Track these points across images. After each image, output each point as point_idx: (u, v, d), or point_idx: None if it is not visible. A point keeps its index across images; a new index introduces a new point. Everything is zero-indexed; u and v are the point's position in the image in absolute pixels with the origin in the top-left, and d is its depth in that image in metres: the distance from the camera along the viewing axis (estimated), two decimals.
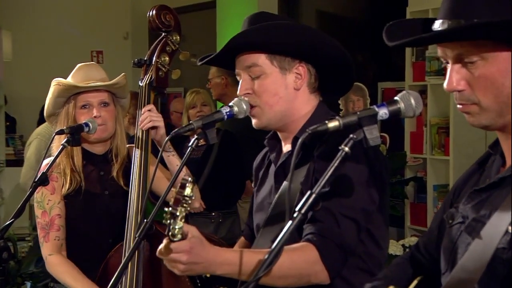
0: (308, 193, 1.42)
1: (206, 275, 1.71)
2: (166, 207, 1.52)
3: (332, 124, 1.49)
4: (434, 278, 1.52)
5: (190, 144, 1.82)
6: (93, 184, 2.63)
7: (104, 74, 2.69)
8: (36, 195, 2.57)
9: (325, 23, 7.10)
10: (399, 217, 5.07)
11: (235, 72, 1.99)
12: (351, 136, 1.46)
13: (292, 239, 1.77)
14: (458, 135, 4.77)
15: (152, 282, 2.39)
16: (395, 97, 1.52)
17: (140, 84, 2.56)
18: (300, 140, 1.46)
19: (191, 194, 1.51)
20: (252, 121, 1.97)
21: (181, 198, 1.51)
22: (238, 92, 1.96)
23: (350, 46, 1.98)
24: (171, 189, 1.55)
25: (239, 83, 1.97)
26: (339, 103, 5.07)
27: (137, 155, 2.49)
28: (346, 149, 1.44)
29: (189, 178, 1.53)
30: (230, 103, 1.92)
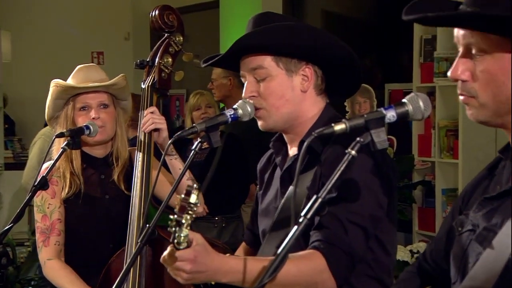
0: (314, 197, 1.42)
1: (211, 283, 1.70)
2: (171, 214, 1.52)
3: (338, 127, 1.48)
4: None
5: (194, 147, 1.82)
6: (93, 188, 2.63)
7: (104, 75, 2.69)
8: (36, 199, 2.57)
9: (330, 23, 7.10)
10: (406, 221, 5.06)
11: (240, 73, 1.99)
12: (358, 139, 1.46)
13: (298, 245, 1.77)
14: (467, 138, 4.76)
15: None
16: (403, 99, 1.52)
17: (142, 86, 2.56)
18: (306, 143, 1.45)
19: (197, 201, 1.51)
20: (258, 122, 1.97)
21: (186, 206, 1.51)
22: (243, 95, 1.95)
23: (356, 47, 1.98)
24: (176, 196, 1.55)
25: (244, 85, 1.97)
26: (345, 105, 5.07)
27: (139, 158, 2.49)
28: (353, 152, 1.43)
29: (195, 185, 1.53)
30: (235, 106, 1.91)
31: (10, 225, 2.23)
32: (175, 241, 1.53)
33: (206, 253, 1.60)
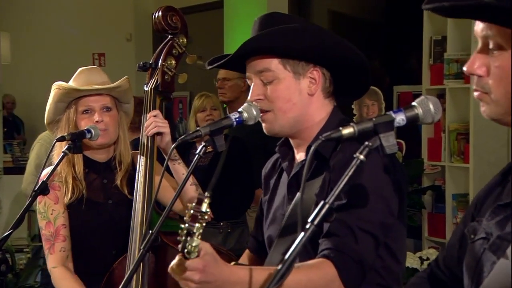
0: (322, 203, 1.42)
1: None
2: (180, 223, 1.52)
3: (346, 131, 1.48)
4: None
5: (198, 151, 1.82)
6: (96, 193, 2.63)
7: (107, 78, 2.70)
8: (39, 205, 2.58)
9: (337, 23, 7.10)
10: (416, 228, 5.05)
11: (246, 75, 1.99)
12: (366, 143, 1.45)
13: (306, 253, 1.77)
14: (479, 142, 4.75)
15: None
16: (413, 103, 1.52)
17: (145, 89, 2.57)
18: (313, 148, 1.45)
19: (208, 210, 1.51)
20: (263, 125, 1.97)
21: (198, 215, 1.51)
22: (249, 97, 1.95)
23: (364, 48, 1.98)
24: (187, 204, 1.56)
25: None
26: (353, 107, 5.07)
27: (142, 163, 2.49)
28: (361, 157, 1.43)
29: (206, 193, 1.53)
30: (240, 109, 1.91)
31: (9, 231, 2.23)
32: (185, 250, 1.53)
33: (215, 263, 1.60)
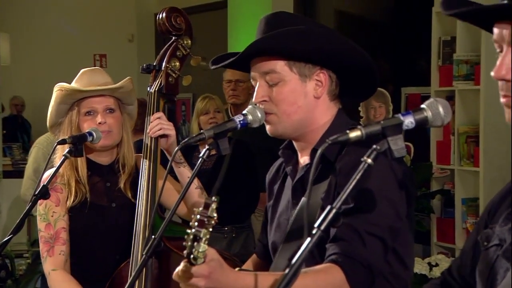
0: (328, 208, 1.42)
1: None
2: (187, 228, 1.53)
3: (353, 134, 1.48)
4: None
5: (201, 155, 1.82)
6: (99, 196, 2.64)
7: (110, 79, 2.70)
8: (39, 207, 2.58)
9: (344, 23, 7.10)
10: (424, 233, 5.04)
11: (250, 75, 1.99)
12: (374, 147, 1.45)
13: (313, 258, 1.77)
14: (489, 145, 4.74)
15: None
16: (422, 105, 1.52)
17: (149, 91, 2.57)
18: (319, 151, 1.45)
19: (215, 215, 1.51)
20: (266, 127, 1.97)
21: (205, 220, 1.51)
22: (253, 99, 1.95)
23: (371, 49, 1.99)
24: (193, 209, 1.56)
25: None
26: (360, 110, 5.06)
27: (145, 166, 2.50)
28: (369, 161, 1.43)
29: (214, 198, 1.53)
30: (244, 111, 1.91)
31: (9, 236, 2.23)
32: (191, 256, 1.53)
33: (221, 269, 1.61)
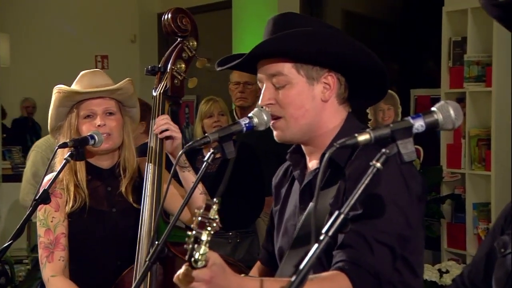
0: (336, 213, 1.42)
1: None
2: (188, 230, 1.53)
3: (362, 137, 1.48)
4: None
5: (206, 159, 1.82)
6: (99, 201, 2.64)
7: (110, 81, 2.70)
8: (39, 212, 2.58)
9: (351, 24, 7.11)
10: (434, 238, 5.04)
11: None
12: (384, 150, 1.45)
13: (320, 265, 1.77)
14: (501, 148, 4.74)
15: None
16: (432, 108, 1.52)
17: (154, 93, 2.58)
18: (327, 155, 1.46)
19: (217, 217, 1.51)
20: (274, 133, 1.97)
21: (206, 221, 1.51)
22: (259, 102, 1.95)
23: (379, 49, 1.99)
24: (195, 210, 1.56)
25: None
26: (368, 112, 5.06)
27: (150, 169, 2.50)
28: (378, 165, 1.43)
29: (215, 199, 1.53)
30: (250, 114, 1.91)
31: (9, 242, 2.24)
32: (192, 259, 1.53)
33: (223, 274, 1.60)
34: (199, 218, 1.52)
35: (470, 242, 4.96)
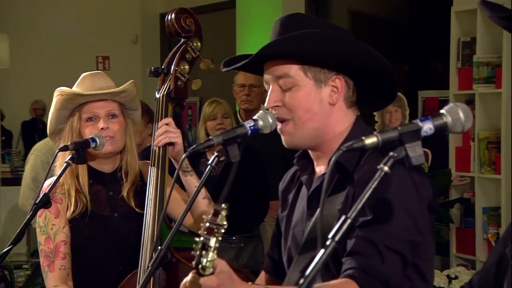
0: (343, 218, 1.42)
1: None
2: (192, 235, 1.52)
3: (369, 140, 1.48)
4: None
5: (210, 162, 1.82)
6: (100, 206, 2.64)
7: (112, 83, 2.70)
8: (39, 219, 2.58)
9: (358, 24, 7.11)
10: (443, 244, 5.03)
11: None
12: (391, 154, 1.45)
13: (328, 272, 1.77)
14: (511, 151, 4.72)
15: None
16: (441, 110, 1.51)
17: (157, 95, 2.58)
18: (334, 159, 1.45)
19: (225, 223, 1.51)
20: (282, 138, 1.96)
21: (214, 227, 1.51)
22: (265, 104, 1.95)
23: (386, 50, 1.99)
24: (202, 217, 1.56)
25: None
26: (375, 114, 5.06)
27: (153, 174, 2.50)
28: (386, 168, 1.43)
29: (223, 205, 1.53)
30: (255, 117, 1.91)
31: (9, 247, 2.24)
32: (200, 266, 1.52)
33: (231, 282, 1.60)
34: (207, 224, 1.52)
35: (479, 247, 4.95)
